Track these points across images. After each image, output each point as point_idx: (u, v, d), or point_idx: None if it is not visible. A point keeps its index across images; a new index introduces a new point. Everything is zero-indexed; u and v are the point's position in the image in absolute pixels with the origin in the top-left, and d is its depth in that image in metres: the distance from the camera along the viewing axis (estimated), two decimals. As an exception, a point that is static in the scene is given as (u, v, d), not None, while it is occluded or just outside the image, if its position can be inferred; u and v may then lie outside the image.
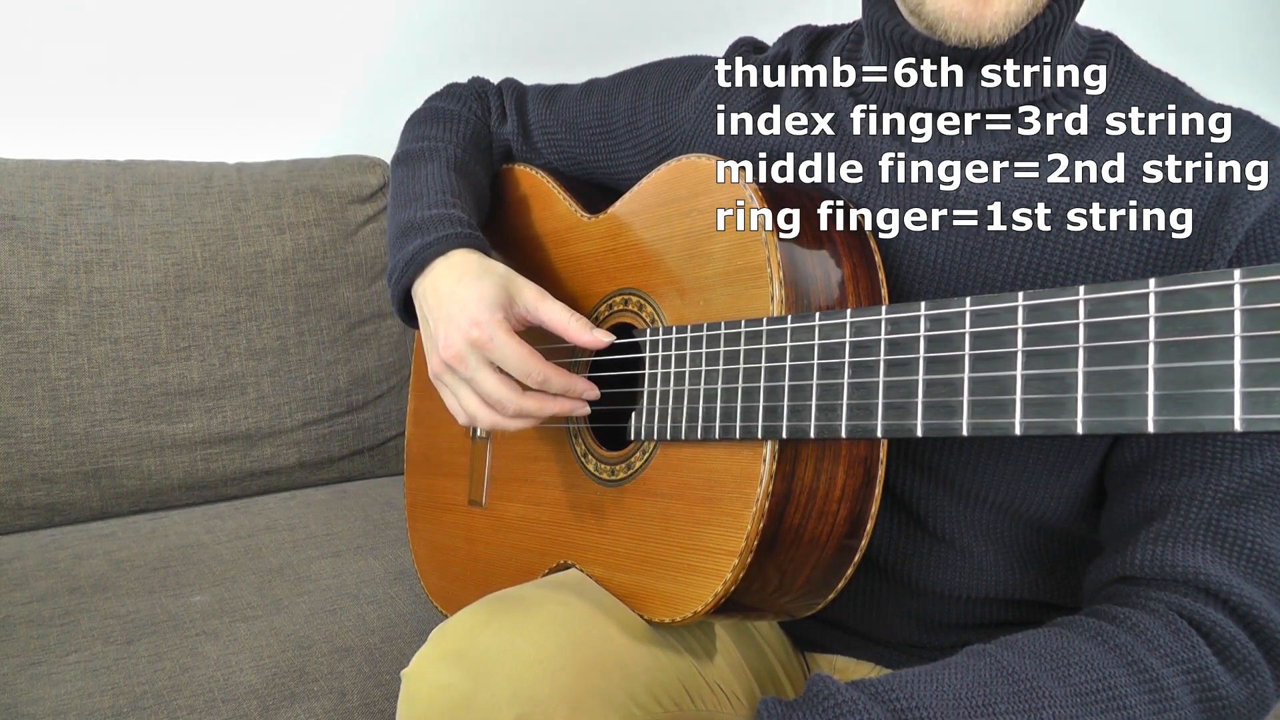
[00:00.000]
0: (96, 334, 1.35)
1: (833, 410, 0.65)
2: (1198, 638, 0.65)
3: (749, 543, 0.70)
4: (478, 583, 1.00)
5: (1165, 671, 0.63)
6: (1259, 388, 0.43)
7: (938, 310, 0.58)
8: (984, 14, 0.69)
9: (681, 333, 0.78)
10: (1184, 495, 0.71)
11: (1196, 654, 0.65)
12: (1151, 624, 0.66)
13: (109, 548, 1.25)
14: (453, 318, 0.83)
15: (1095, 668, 0.63)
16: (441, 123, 1.05)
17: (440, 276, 0.87)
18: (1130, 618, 0.66)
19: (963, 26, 0.70)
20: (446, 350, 0.82)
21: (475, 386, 0.83)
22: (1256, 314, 0.43)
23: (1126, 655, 0.64)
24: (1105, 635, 0.65)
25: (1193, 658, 0.64)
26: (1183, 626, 0.66)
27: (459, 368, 0.82)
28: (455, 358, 0.82)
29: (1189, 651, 0.65)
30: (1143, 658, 0.63)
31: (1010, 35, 0.71)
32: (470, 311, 0.82)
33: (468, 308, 0.82)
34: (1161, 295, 0.47)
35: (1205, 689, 0.64)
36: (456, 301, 0.83)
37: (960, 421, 0.55)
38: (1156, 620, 0.66)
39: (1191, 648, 0.65)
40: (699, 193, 0.80)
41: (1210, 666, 0.64)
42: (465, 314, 0.82)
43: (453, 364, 0.83)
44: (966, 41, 0.71)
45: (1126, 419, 0.47)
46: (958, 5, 0.70)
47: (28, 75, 1.47)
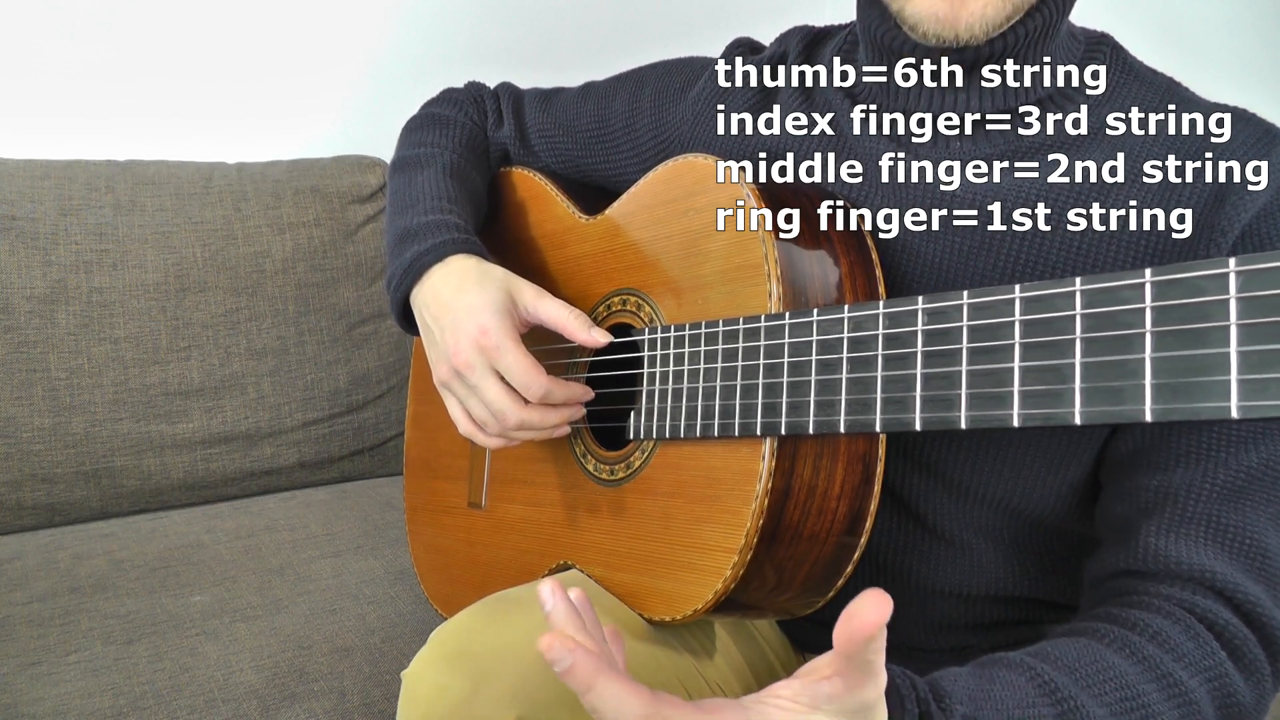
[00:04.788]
0: (96, 334, 1.35)
1: (831, 405, 0.65)
2: (1215, 644, 0.66)
3: (748, 540, 0.70)
4: (478, 585, 1.00)
5: (1191, 683, 0.64)
6: (1255, 374, 0.43)
7: (935, 304, 0.58)
8: (959, 15, 0.70)
9: (680, 331, 0.78)
10: (1181, 488, 0.71)
11: (1215, 660, 0.65)
12: (1171, 631, 0.66)
13: (109, 548, 1.25)
14: (460, 325, 0.83)
15: (1128, 684, 0.63)
16: (438, 129, 1.05)
17: (440, 283, 0.87)
18: (1151, 624, 0.66)
19: (939, 27, 0.70)
20: (456, 357, 0.83)
21: (480, 394, 0.83)
22: (1251, 302, 0.44)
23: (1156, 669, 0.64)
24: (1132, 647, 0.65)
25: (1213, 665, 0.65)
26: (1200, 630, 0.66)
27: (467, 374, 0.82)
28: (465, 364, 0.82)
29: (1210, 659, 0.65)
30: (1170, 670, 0.64)
31: (987, 37, 0.71)
32: (478, 318, 0.82)
33: (474, 314, 0.82)
34: (1157, 285, 0.47)
35: (1224, 694, 0.65)
36: (462, 308, 0.83)
37: (958, 414, 0.55)
38: (1175, 626, 0.66)
39: (1211, 654, 0.65)
40: (697, 192, 0.80)
41: (1228, 672, 0.65)
42: (473, 320, 0.82)
43: (462, 371, 0.83)
44: (944, 42, 0.71)
45: (1124, 408, 0.47)
46: (935, 6, 0.70)
47: (28, 75, 1.47)
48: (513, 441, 0.86)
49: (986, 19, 0.70)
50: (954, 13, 0.70)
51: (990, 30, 0.71)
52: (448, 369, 0.84)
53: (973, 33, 0.70)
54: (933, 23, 0.70)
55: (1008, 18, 0.71)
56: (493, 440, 0.85)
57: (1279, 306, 0.42)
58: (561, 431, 0.86)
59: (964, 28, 0.70)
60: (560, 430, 0.85)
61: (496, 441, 0.86)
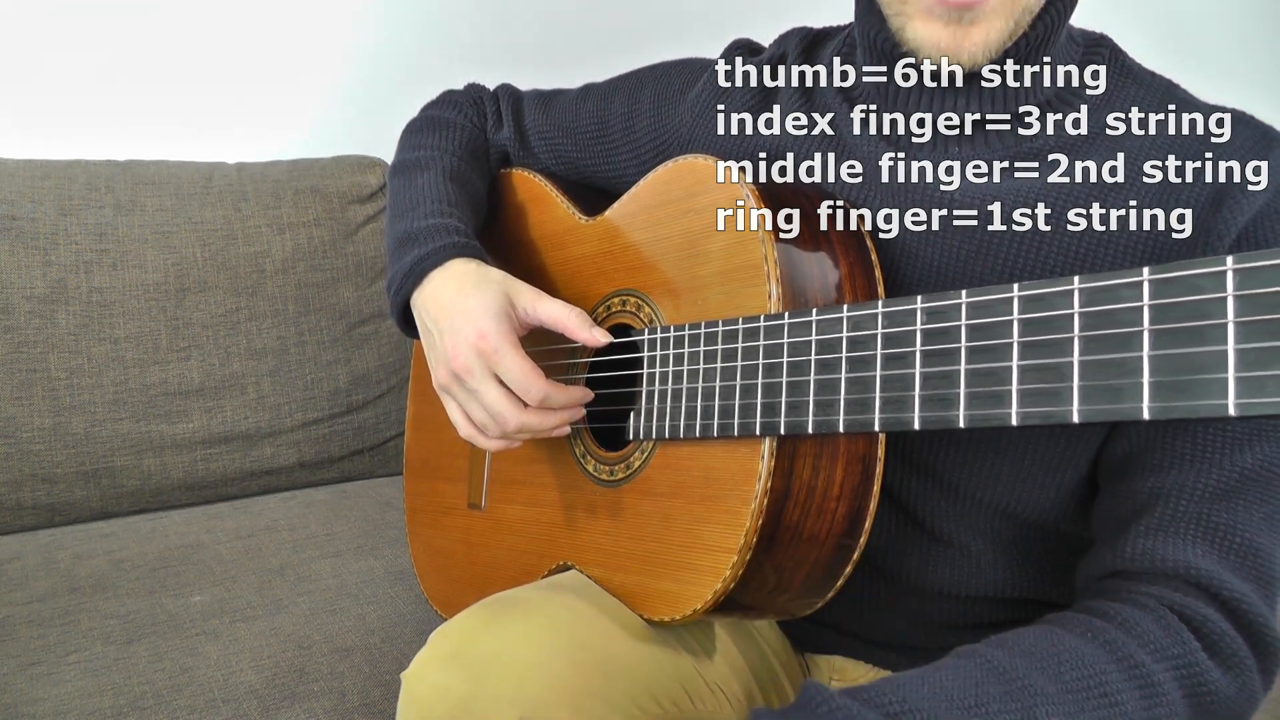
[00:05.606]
0: (96, 334, 1.35)
1: (830, 405, 0.65)
2: (1188, 633, 0.65)
3: (748, 540, 0.70)
4: (478, 586, 0.99)
5: (1155, 667, 0.63)
6: (1252, 372, 0.43)
7: (934, 304, 0.58)
8: (963, 45, 0.70)
9: (679, 331, 0.78)
10: (1173, 489, 0.71)
11: (1186, 649, 0.64)
12: (1141, 619, 0.65)
13: (109, 548, 1.25)
14: (458, 329, 0.83)
15: (1086, 664, 0.63)
16: (438, 131, 1.05)
17: (440, 287, 0.87)
18: (1120, 613, 0.66)
19: (942, 55, 0.71)
20: (455, 361, 0.83)
21: (479, 398, 0.83)
22: (1249, 299, 0.44)
23: (1117, 651, 0.64)
24: (1096, 631, 0.65)
25: (1182, 653, 0.64)
26: (1172, 621, 0.66)
27: (467, 379, 0.83)
28: (464, 369, 0.82)
29: (1179, 647, 0.64)
30: (1133, 653, 0.63)
31: (990, 60, 0.72)
32: (476, 322, 0.82)
33: (473, 318, 0.82)
34: (1155, 283, 0.47)
35: (1195, 684, 0.64)
36: (461, 312, 0.83)
37: (957, 413, 0.55)
38: (1146, 615, 0.66)
39: (1181, 643, 0.65)
40: (697, 193, 0.80)
41: (1200, 661, 0.64)
42: (471, 325, 0.82)
43: (461, 374, 0.83)
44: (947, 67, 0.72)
45: (1122, 407, 0.47)
46: (937, 36, 0.71)
47: (28, 75, 1.47)
48: (514, 443, 0.86)
49: (989, 44, 0.70)
50: (957, 43, 0.70)
51: (993, 53, 0.71)
52: (447, 373, 0.85)
53: (975, 60, 0.71)
54: (934, 50, 0.71)
55: (1010, 35, 0.71)
56: (493, 443, 0.86)
57: (1276, 304, 0.42)
58: (562, 432, 0.86)
59: (967, 56, 0.71)
60: (561, 431, 0.86)
61: (497, 444, 0.86)
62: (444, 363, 0.85)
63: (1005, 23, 0.70)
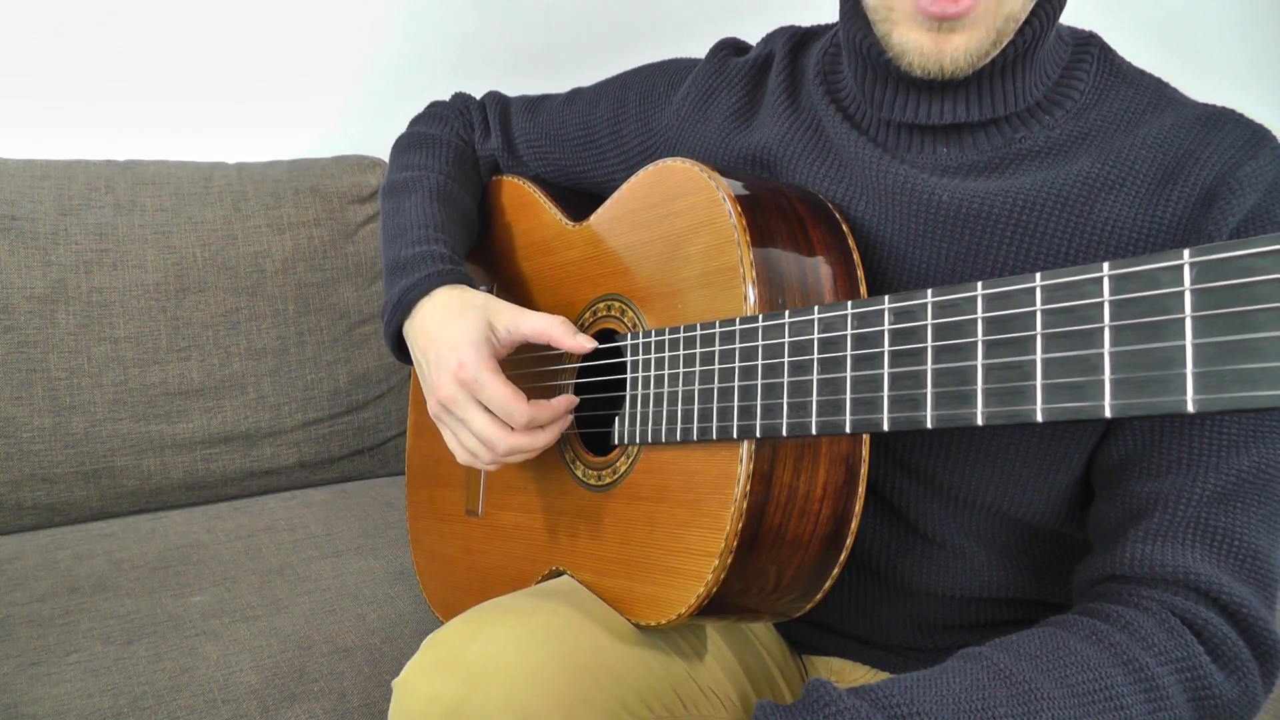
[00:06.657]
0: (96, 334, 1.36)
1: (804, 407, 0.64)
2: (1190, 636, 0.65)
3: (728, 543, 0.70)
4: (477, 592, 1.00)
5: (1159, 670, 0.63)
6: (1209, 367, 0.42)
7: (901, 303, 0.57)
8: (944, 50, 0.70)
9: (660, 335, 0.78)
10: (1171, 493, 0.70)
11: (1190, 652, 0.65)
12: (1144, 622, 0.66)
13: (109, 548, 1.26)
14: (442, 359, 0.84)
15: (1091, 667, 0.63)
16: (424, 150, 1.06)
17: (427, 317, 0.88)
18: (1124, 616, 0.66)
19: (924, 60, 0.71)
20: (440, 392, 0.84)
21: (468, 425, 0.84)
22: (1206, 293, 0.43)
23: (1122, 654, 0.64)
24: (1100, 634, 0.65)
25: (1186, 656, 0.64)
26: (1175, 625, 0.66)
27: (453, 408, 0.84)
28: (448, 399, 0.84)
29: (1182, 650, 0.65)
30: (1137, 656, 0.64)
31: (973, 68, 0.72)
32: (457, 352, 0.83)
33: (455, 348, 0.83)
34: (1115, 279, 0.46)
35: (1198, 687, 0.64)
36: (444, 342, 0.85)
37: (924, 414, 0.55)
38: (1149, 618, 0.66)
39: (1184, 646, 0.65)
40: (677, 196, 0.80)
41: (1203, 665, 0.64)
42: (453, 354, 0.83)
43: (447, 404, 0.84)
44: (929, 74, 0.72)
45: (1084, 405, 0.47)
46: (920, 40, 0.71)
47: (28, 75, 1.48)
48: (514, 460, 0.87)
49: (970, 51, 0.70)
50: (938, 48, 0.70)
51: (975, 61, 0.71)
52: (436, 403, 0.86)
53: (957, 65, 0.71)
54: (917, 55, 0.71)
55: (994, 44, 0.71)
56: (490, 466, 0.87)
57: (1233, 298, 0.42)
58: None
59: (949, 61, 0.71)
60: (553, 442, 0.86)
61: (494, 466, 0.87)
62: (432, 393, 0.86)
63: (988, 31, 0.70)
